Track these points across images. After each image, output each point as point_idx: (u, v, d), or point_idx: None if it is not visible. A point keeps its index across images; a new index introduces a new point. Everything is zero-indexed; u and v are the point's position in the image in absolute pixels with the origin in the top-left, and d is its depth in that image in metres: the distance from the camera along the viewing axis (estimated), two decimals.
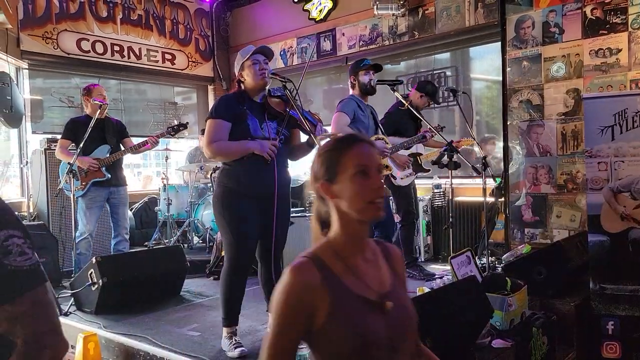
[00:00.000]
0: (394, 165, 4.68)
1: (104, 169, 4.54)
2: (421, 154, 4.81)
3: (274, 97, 3.04)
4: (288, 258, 5.16)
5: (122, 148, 4.71)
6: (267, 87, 3.06)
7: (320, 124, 3.04)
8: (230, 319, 3.04)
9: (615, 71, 4.58)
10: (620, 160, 3.71)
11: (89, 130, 4.32)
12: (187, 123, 5.01)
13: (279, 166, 2.99)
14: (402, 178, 4.75)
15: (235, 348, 2.92)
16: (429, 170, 4.85)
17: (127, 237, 4.77)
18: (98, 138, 4.57)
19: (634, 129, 3.68)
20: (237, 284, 3.05)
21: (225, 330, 3.05)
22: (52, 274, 4.50)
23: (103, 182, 4.55)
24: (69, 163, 4.34)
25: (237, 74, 3.08)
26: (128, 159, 8.87)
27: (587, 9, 4.71)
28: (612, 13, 4.58)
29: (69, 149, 4.60)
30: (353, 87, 3.99)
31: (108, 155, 4.58)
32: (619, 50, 4.55)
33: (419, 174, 4.80)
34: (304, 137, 3.17)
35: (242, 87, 3.06)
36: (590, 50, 4.70)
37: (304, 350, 2.72)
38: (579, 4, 4.75)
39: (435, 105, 6.03)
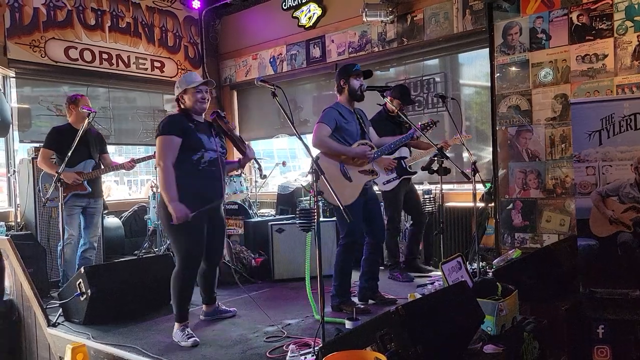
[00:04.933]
0: (378, 169, 4.69)
1: (85, 182, 4.60)
2: (406, 158, 4.83)
3: (222, 118, 3.57)
4: (280, 264, 5.15)
5: (101, 163, 4.81)
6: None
7: (250, 146, 3.65)
8: (184, 315, 3.42)
9: (601, 76, 4.63)
10: (608, 165, 3.75)
11: (76, 142, 4.28)
12: None
13: (223, 178, 3.48)
14: (384, 183, 4.76)
15: (189, 338, 3.26)
16: (414, 173, 4.86)
17: (95, 245, 4.82)
18: (83, 151, 4.58)
19: (621, 134, 3.72)
20: (189, 284, 3.48)
21: (177, 325, 3.39)
22: (40, 284, 4.43)
23: (83, 194, 4.62)
24: (57, 172, 4.28)
25: (177, 94, 3.46)
26: None
27: (574, 15, 4.77)
28: (598, 19, 4.63)
29: (51, 158, 4.63)
30: (341, 91, 3.89)
31: (91, 170, 4.64)
32: (605, 56, 4.61)
33: (405, 177, 4.82)
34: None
35: (181, 107, 3.47)
36: (577, 56, 4.75)
37: (298, 357, 2.72)
38: (565, 11, 4.81)
39: (425, 111, 6.10)
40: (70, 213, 4.58)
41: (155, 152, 3.40)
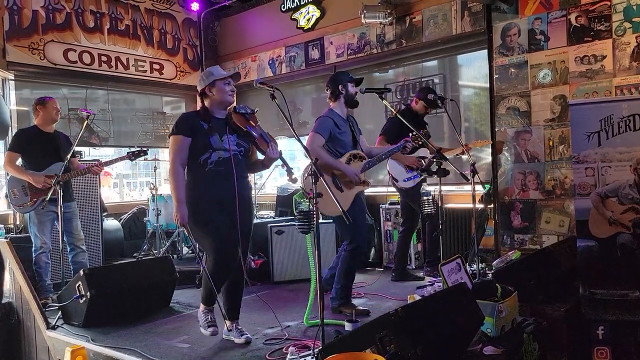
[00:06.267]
0: (403, 168, 4.74)
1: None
2: (426, 157, 4.85)
3: (238, 114, 3.31)
4: (279, 266, 5.15)
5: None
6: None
7: (274, 145, 3.30)
8: (212, 300, 3.31)
9: (600, 77, 4.64)
10: (607, 166, 3.75)
11: (73, 148, 4.25)
12: (147, 149, 4.95)
13: (237, 175, 3.24)
14: (404, 181, 4.79)
15: (209, 326, 3.25)
16: (436, 173, 4.86)
17: (84, 247, 4.67)
18: (52, 153, 4.48)
19: (620, 135, 3.73)
20: (223, 276, 3.25)
21: (202, 306, 3.33)
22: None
23: (55, 198, 4.27)
24: (56, 174, 4.25)
25: (203, 88, 3.34)
26: (117, 168, 8.88)
27: (572, 17, 4.77)
28: (597, 20, 4.64)
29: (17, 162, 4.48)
30: (337, 97, 3.94)
31: (61, 173, 4.35)
32: (604, 57, 4.61)
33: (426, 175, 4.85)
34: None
35: (204, 104, 3.35)
36: (576, 57, 4.75)
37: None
38: (563, 12, 4.82)
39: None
40: (42, 220, 4.43)
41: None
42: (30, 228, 4.53)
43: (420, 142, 4.19)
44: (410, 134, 4.14)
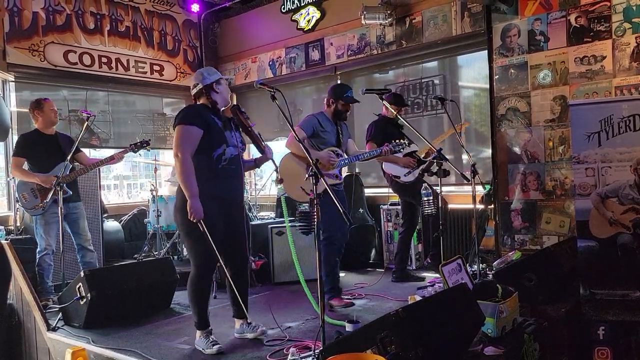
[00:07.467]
0: (398, 167, 4.80)
1: (65, 186, 4.32)
2: (416, 151, 4.90)
3: (240, 112, 3.30)
4: (280, 267, 5.15)
5: (77, 163, 4.62)
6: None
7: (268, 147, 3.44)
8: (206, 322, 3.25)
9: (600, 78, 4.64)
10: (607, 166, 3.76)
11: (74, 147, 4.27)
12: (150, 140, 4.93)
13: (243, 176, 3.29)
14: (405, 175, 4.83)
15: (213, 345, 3.12)
16: (427, 163, 4.89)
17: (92, 247, 4.67)
18: (56, 154, 4.48)
19: (620, 135, 3.73)
20: (207, 288, 3.28)
21: (199, 332, 3.24)
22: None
23: (63, 198, 4.27)
24: (56, 176, 4.25)
25: (210, 83, 3.21)
26: (118, 169, 8.88)
27: (572, 17, 4.78)
28: (596, 21, 4.64)
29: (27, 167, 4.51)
30: (329, 106, 4.16)
31: (69, 172, 4.40)
32: (604, 58, 4.61)
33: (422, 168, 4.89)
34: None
35: (212, 98, 3.24)
36: (576, 58, 4.76)
37: None
38: (563, 12, 4.82)
39: (425, 113, 6.11)
40: (49, 221, 4.44)
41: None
42: (36, 229, 4.53)
43: (403, 149, 4.24)
44: (394, 141, 4.18)
